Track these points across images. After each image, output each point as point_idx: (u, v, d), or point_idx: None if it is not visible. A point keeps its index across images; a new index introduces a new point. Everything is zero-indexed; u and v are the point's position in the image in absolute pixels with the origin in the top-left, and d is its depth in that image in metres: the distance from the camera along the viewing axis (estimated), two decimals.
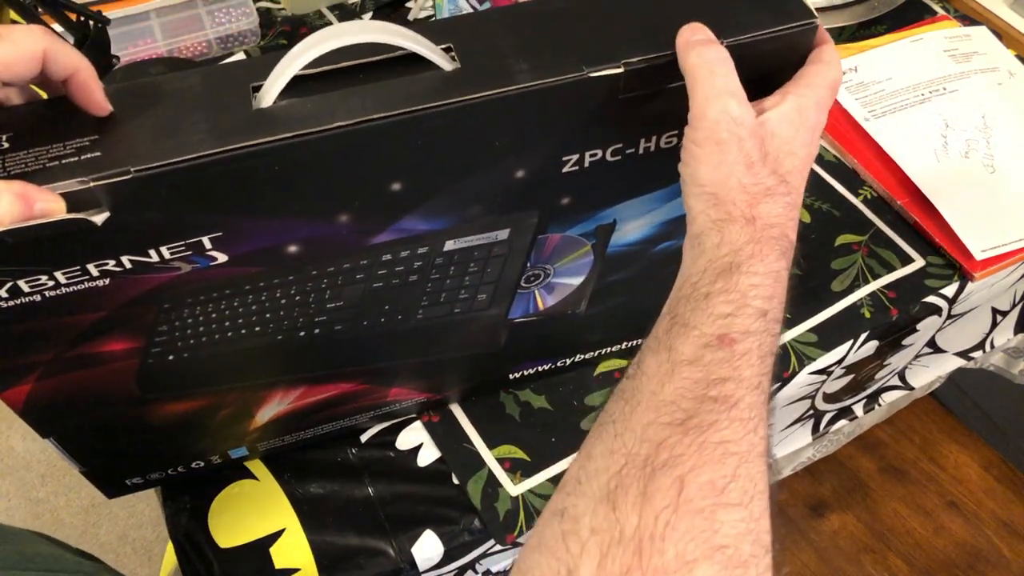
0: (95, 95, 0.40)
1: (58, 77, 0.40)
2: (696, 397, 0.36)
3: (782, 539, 1.03)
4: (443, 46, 0.43)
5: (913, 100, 0.82)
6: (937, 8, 0.93)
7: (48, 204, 0.37)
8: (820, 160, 0.81)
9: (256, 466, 0.64)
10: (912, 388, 0.89)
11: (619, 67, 0.42)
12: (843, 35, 0.90)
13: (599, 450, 0.36)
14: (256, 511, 0.62)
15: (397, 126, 0.41)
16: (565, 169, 0.47)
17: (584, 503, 0.34)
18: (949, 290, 0.73)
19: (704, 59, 0.41)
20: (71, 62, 0.39)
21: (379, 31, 0.42)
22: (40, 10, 0.68)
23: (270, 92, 0.41)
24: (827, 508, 1.11)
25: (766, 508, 0.34)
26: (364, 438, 0.65)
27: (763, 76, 0.46)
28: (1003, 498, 1.12)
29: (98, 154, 0.39)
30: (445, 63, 0.43)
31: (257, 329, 0.50)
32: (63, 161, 0.38)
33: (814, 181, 0.79)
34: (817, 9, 0.88)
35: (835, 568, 1.05)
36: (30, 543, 0.66)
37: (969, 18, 0.92)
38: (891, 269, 0.73)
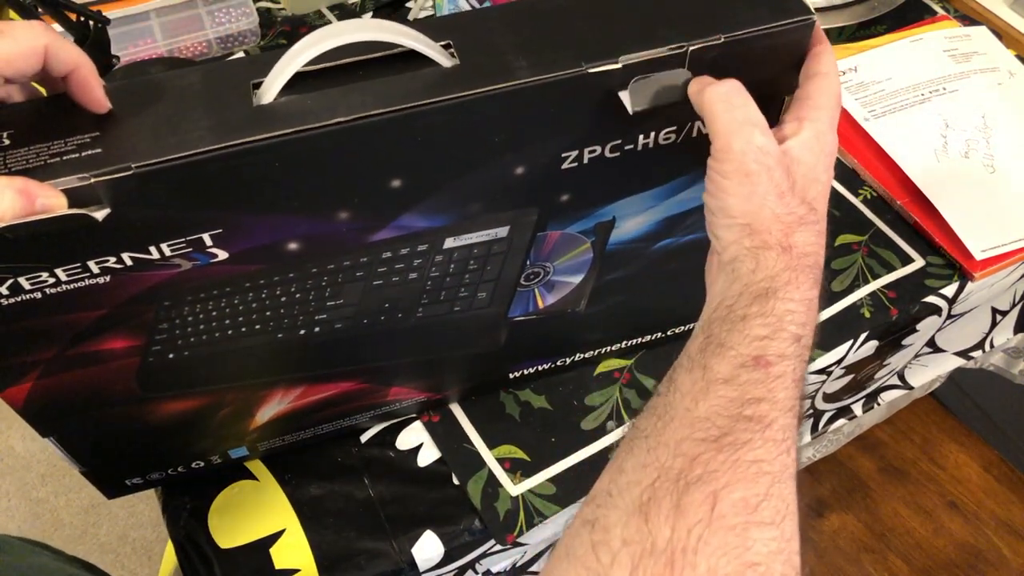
0: (95, 92, 0.40)
1: (59, 73, 0.40)
2: (731, 415, 0.36)
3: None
4: (442, 43, 0.43)
5: (913, 100, 0.82)
6: (937, 8, 0.93)
7: (49, 200, 0.37)
8: None
9: (256, 466, 0.64)
10: (912, 388, 0.89)
11: (617, 63, 0.42)
12: (843, 35, 0.91)
13: (631, 463, 0.36)
14: (256, 511, 0.62)
15: (396, 122, 0.41)
16: (564, 166, 0.47)
17: (616, 514, 0.34)
18: (949, 290, 0.73)
19: (719, 93, 0.41)
20: (71, 58, 0.39)
21: (379, 29, 0.42)
22: (40, 10, 0.68)
23: (271, 89, 0.41)
24: (827, 508, 1.11)
25: (796, 530, 0.35)
26: (364, 438, 0.65)
27: (761, 73, 0.46)
28: (1003, 498, 1.12)
29: (99, 151, 0.39)
30: (444, 60, 0.43)
31: (257, 327, 0.50)
32: (64, 158, 0.38)
33: None
34: (817, 9, 0.88)
35: (835, 568, 1.05)
36: (27, 554, 0.66)
37: (969, 18, 0.92)
38: (891, 269, 0.73)
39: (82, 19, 0.70)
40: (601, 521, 0.34)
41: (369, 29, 0.41)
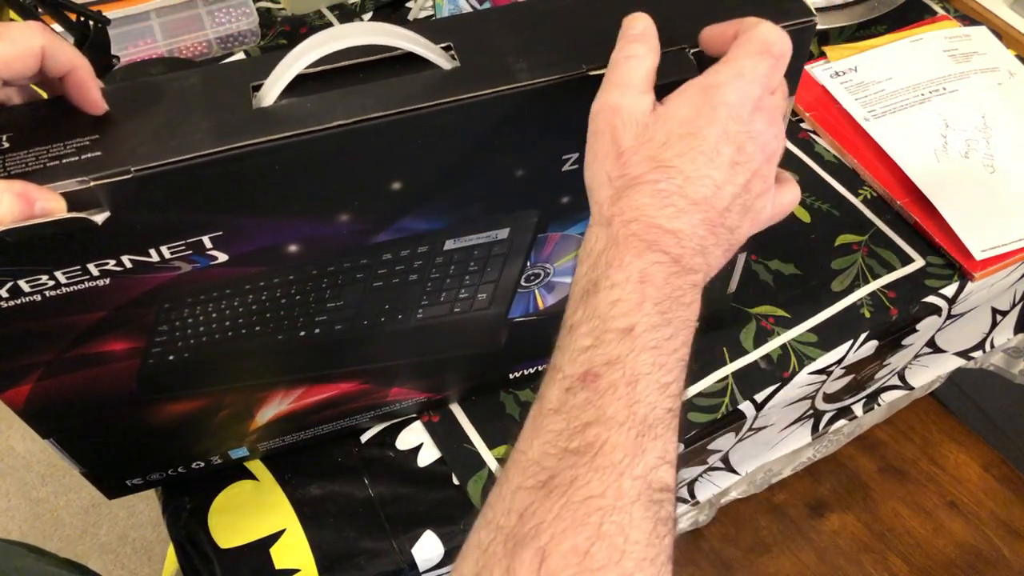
0: (91, 93, 0.40)
1: (56, 74, 0.39)
2: (558, 452, 0.33)
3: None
4: (443, 45, 0.43)
5: (913, 100, 0.82)
6: (937, 8, 0.93)
7: (49, 203, 0.37)
8: (820, 160, 0.81)
9: (256, 466, 0.64)
10: (912, 388, 0.89)
11: None
12: (843, 35, 0.90)
13: (479, 520, 0.34)
14: (256, 511, 0.62)
15: (396, 125, 0.41)
16: (565, 168, 0.47)
17: None
18: (949, 290, 0.73)
19: (617, 57, 0.39)
20: (68, 59, 0.39)
21: (380, 33, 0.42)
22: (40, 10, 0.68)
23: (270, 92, 0.41)
24: (827, 508, 1.11)
25: (645, 558, 0.32)
26: (364, 438, 0.65)
27: None
28: (1003, 498, 1.12)
29: (99, 154, 0.39)
30: (445, 62, 0.43)
31: (257, 329, 0.50)
32: (63, 161, 0.38)
33: (814, 181, 0.80)
34: (817, 9, 0.88)
35: (835, 568, 1.05)
36: (14, 557, 0.66)
37: (969, 18, 0.92)
38: (891, 269, 0.73)
39: (82, 19, 0.70)
40: None
41: (369, 33, 0.41)
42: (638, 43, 0.40)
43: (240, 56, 0.89)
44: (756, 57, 0.38)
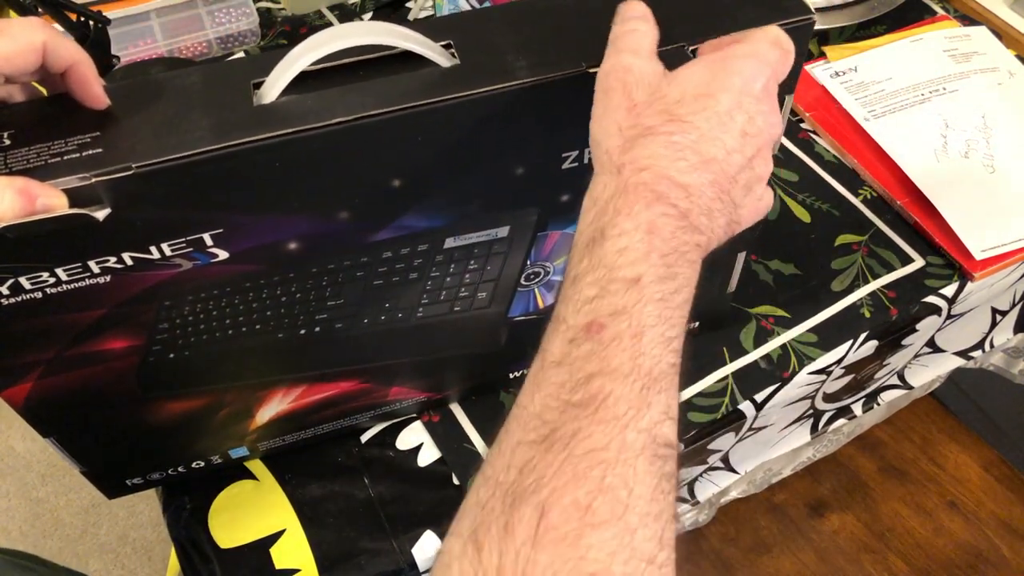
0: (93, 88, 0.40)
1: (57, 69, 0.39)
2: (560, 405, 0.32)
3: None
4: (443, 43, 0.43)
5: (913, 100, 0.82)
6: (937, 8, 0.93)
7: (50, 200, 0.37)
8: (820, 160, 0.81)
9: (256, 466, 0.64)
10: (911, 388, 0.89)
11: None
12: (843, 35, 0.91)
13: (478, 479, 0.34)
14: (256, 511, 0.62)
15: (397, 122, 0.41)
16: (565, 166, 0.47)
17: (457, 544, 0.31)
18: (949, 290, 0.73)
19: (621, 28, 0.39)
20: (70, 54, 0.39)
21: (381, 33, 0.42)
22: (40, 10, 0.68)
23: (271, 90, 0.41)
24: (827, 508, 1.11)
25: (649, 513, 0.31)
26: (364, 438, 0.65)
27: None
28: (1003, 498, 1.12)
29: (100, 150, 0.39)
30: (445, 60, 0.43)
31: (258, 327, 0.50)
32: (65, 157, 0.38)
33: (814, 181, 0.80)
34: (817, 9, 0.88)
35: (835, 568, 1.05)
36: (10, 570, 0.66)
37: (969, 18, 0.92)
38: (891, 269, 0.73)
39: (82, 19, 0.70)
40: (444, 556, 0.32)
41: (371, 32, 0.42)
42: (639, 20, 0.40)
43: (240, 56, 0.89)
44: (769, 44, 0.39)
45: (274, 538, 0.61)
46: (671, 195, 0.35)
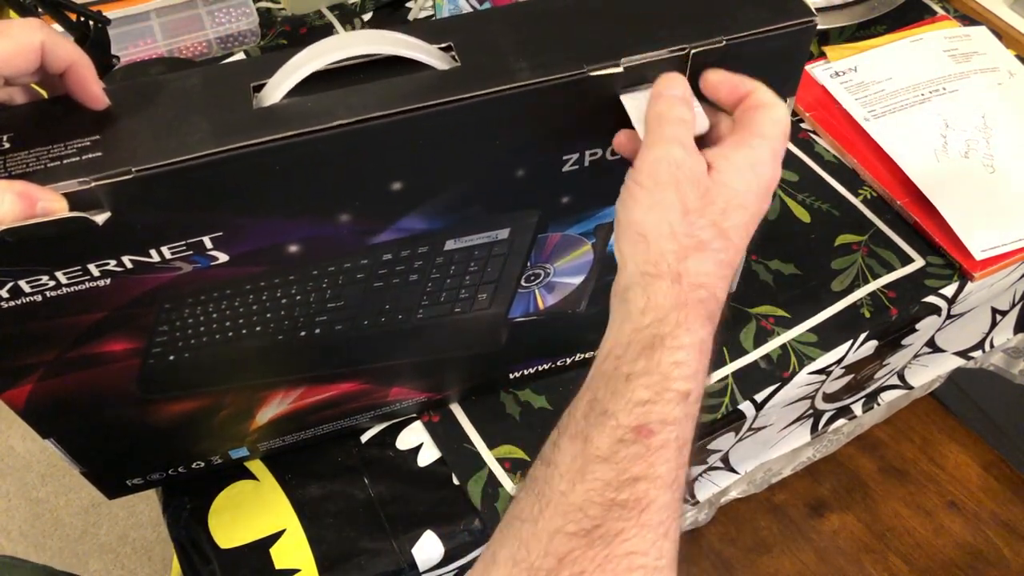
0: (92, 88, 0.40)
1: (56, 70, 0.39)
2: (605, 502, 0.34)
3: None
4: (443, 46, 0.43)
5: (913, 100, 0.82)
6: (937, 8, 0.93)
7: (50, 203, 0.37)
8: (820, 160, 0.81)
9: (256, 466, 0.64)
10: (911, 388, 0.89)
11: (619, 66, 0.42)
12: (843, 35, 0.91)
13: (504, 554, 0.35)
14: (256, 512, 0.62)
15: (397, 125, 0.41)
16: (565, 168, 0.47)
17: None
18: (949, 290, 0.73)
19: (666, 113, 0.40)
20: (68, 54, 0.39)
21: (384, 42, 0.42)
22: (40, 10, 0.68)
23: (271, 95, 0.41)
24: (827, 508, 1.11)
25: None
26: (364, 438, 0.65)
27: (762, 73, 0.46)
28: (1003, 498, 1.12)
29: (99, 154, 0.39)
30: (445, 64, 0.43)
31: (258, 329, 0.50)
32: (64, 161, 0.38)
33: (814, 181, 0.80)
34: (817, 9, 0.88)
35: (835, 568, 1.05)
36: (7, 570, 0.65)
37: (969, 18, 0.92)
38: (891, 269, 0.73)
39: (82, 19, 0.70)
40: None
41: (372, 42, 0.42)
42: (685, 106, 0.41)
43: (240, 56, 0.89)
44: (781, 137, 0.41)
45: (274, 538, 0.61)
46: (715, 316, 0.39)
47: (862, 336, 0.70)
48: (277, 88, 0.41)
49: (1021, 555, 1.07)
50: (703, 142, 0.43)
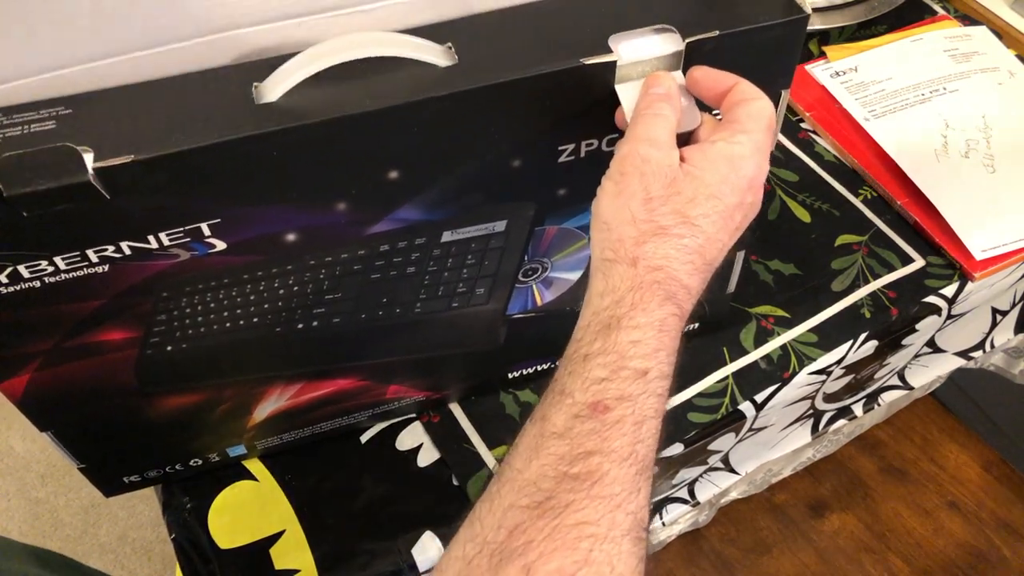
0: None
1: None
2: (557, 475, 0.34)
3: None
4: (444, 43, 0.43)
5: (913, 100, 0.82)
6: (937, 8, 0.93)
7: None
8: (820, 160, 0.81)
9: (256, 467, 0.64)
10: (912, 388, 0.89)
11: (613, 56, 0.43)
12: (843, 35, 0.91)
13: (462, 533, 0.35)
14: (256, 512, 0.62)
15: (394, 115, 0.41)
16: (561, 159, 0.47)
17: None
18: (949, 290, 0.73)
19: (642, 112, 0.41)
20: None
21: (387, 44, 0.42)
22: None
23: (271, 93, 0.41)
24: (827, 508, 1.11)
25: None
26: (364, 439, 0.65)
27: (757, 65, 0.46)
28: (1003, 498, 1.12)
29: (99, 137, 0.39)
30: (445, 60, 0.43)
31: (255, 320, 0.50)
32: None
33: (814, 181, 0.80)
34: (817, 9, 0.88)
35: (835, 568, 1.05)
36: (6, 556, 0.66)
37: (969, 18, 0.92)
38: (891, 269, 0.73)
39: None
40: None
41: (375, 44, 0.42)
42: (664, 103, 0.41)
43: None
44: (767, 132, 0.41)
45: (274, 538, 0.61)
46: (678, 296, 0.39)
47: (862, 336, 0.70)
48: (277, 87, 0.41)
49: (1021, 555, 1.07)
50: (693, 138, 0.43)
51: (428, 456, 0.64)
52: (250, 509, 0.62)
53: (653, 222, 0.39)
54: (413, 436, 0.65)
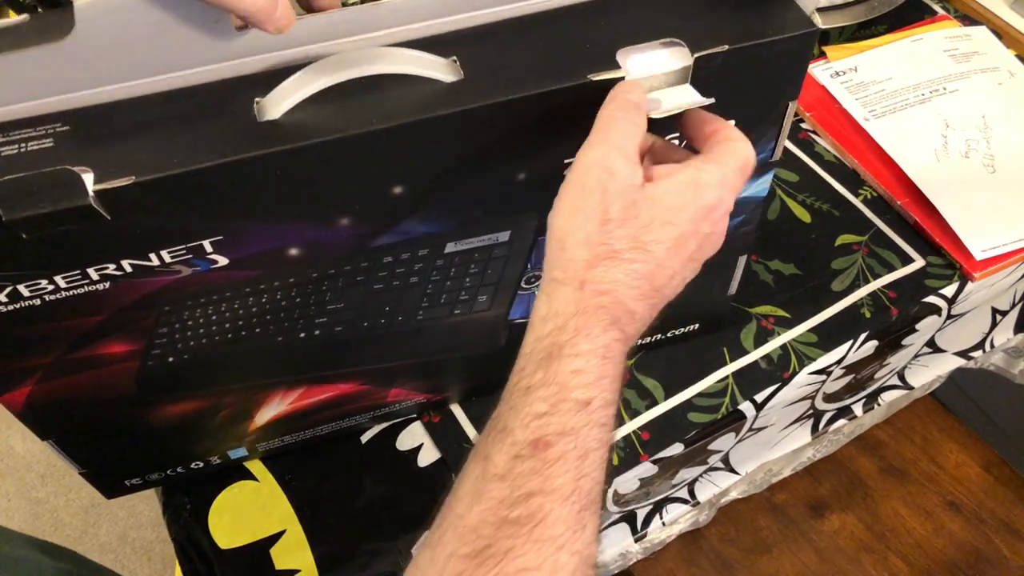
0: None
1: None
2: (496, 521, 0.33)
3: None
4: (449, 57, 0.43)
5: (913, 100, 0.82)
6: (937, 8, 0.93)
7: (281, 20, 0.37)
8: (820, 160, 0.81)
9: (256, 467, 0.64)
10: (912, 388, 0.89)
11: (621, 72, 0.42)
12: (843, 35, 0.90)
13: None
14: (256, 512, 0.62)
15: (400, 133, 0.41)
16: (566, 172, 0.47)
17: None
18: (949, 290, 0.73)
19: (616, 114, 0.39)
20: None
21: (391, 60, 0.41)
22: (40, 9, 0.68)
23: (274, 110, 0.40)
24: (827, 508, 1.11)
25: None
26: (364, 439, 0.65)
27: (764, 79, 0.46)
28: (1003, 498, 1.11)
29: (102, 159, 0.38)
30: (451, 76, 0.42)
31: (257, 331, 0.50)
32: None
33: (814, 181, 0.80)
34: (817, 9, 0.88)
35: (835, 568, 1.05)
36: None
37: (969, 18, 0.92)
38: (891, 269, 0.73)
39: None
40: None
41: (380, 60, 0.41)
42: (636, 111, 0.40)
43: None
44: (739, 172, 0.40)
45: (274, 539, 0.61)
46: (623, 321, 0.38)
47: (862, 336, 0.70)
48: (279, 104, 0.40)
49: (1021, 555, 1.07)
50: (663, 158, 0.43)
51: (428, 456, 0.65)
52: (250, 509, 0.62)
53: (607, 245, 0.38)
54: (413, 436, 0.65)
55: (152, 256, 0.42)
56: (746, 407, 0.67)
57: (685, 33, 0.43)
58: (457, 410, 0.66)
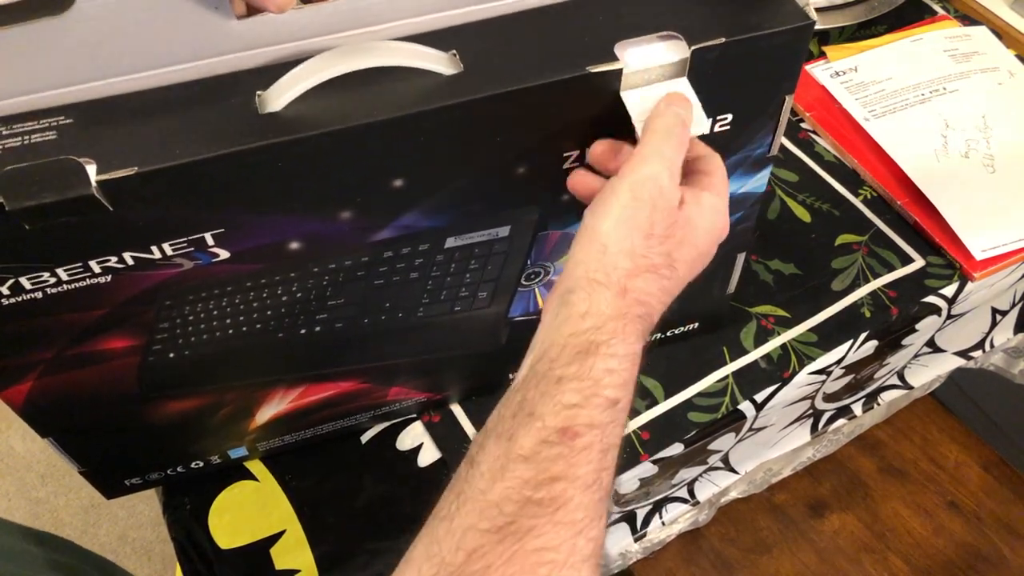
0: None
1: None
2: (521, 500, 0.34)
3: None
4: (448, 51, 0.43)
5: (913, 100, 0.82)
6: (937, 8, 0.93)
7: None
8: (820, 160, 0.81)
9: (256, 467, 0.64)
10: (911, 387, 0.89)
11: (619, 64, 0.43)
12: (843, 35, 0.91)
13: (418, 552, 0.35)
14: (256, 512, 0.62)
15: (400, 125, 0.41)
16: (566, 166, 0.47)
17: None
18: (949, 290, 0.73)
19: (674, 129, 0.41)
20: None
21: (393, 53, 0.41)
22: None
23: (275, 103, 0.41)
24: (827, 508, 1.11)
25: None
26: (364, 438, 0.65)
27: (761, 72, 0.46)
28: (1003, 498, 1.11)
29: (104, 150, 0.39)
30: (451, 68, 0.43)
31: (258, 327, 0.50)
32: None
33: (814, 181, 0.80)
34: (817, 9, 0.88)
35: (835, 568, 1.05)
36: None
37: (969, 18, 0.92)
38: (891, 269, 0.73)
39: None
40: None
41: (380, 53, 0.41)
42: (684, 129, 0.42)
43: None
44: (727, 204, 0.44)
45: (274, 539, 0.61)
46: (647, 335, 0.40)
47: (862, 336, 0.70)
48: (281, 96, 0.40)
49: (1021, 555, 1.07)
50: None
51: (428, 456, 0.65)
52: (250, 509, 0.62)
53: (647, 258, 0.40)
54: (413, 436, 0.65)
55: (154, 249, 0.42)
56: (746, 407, 0.67)
57: (682, 26, 0.44)
58: (457, 410, 0.66)
